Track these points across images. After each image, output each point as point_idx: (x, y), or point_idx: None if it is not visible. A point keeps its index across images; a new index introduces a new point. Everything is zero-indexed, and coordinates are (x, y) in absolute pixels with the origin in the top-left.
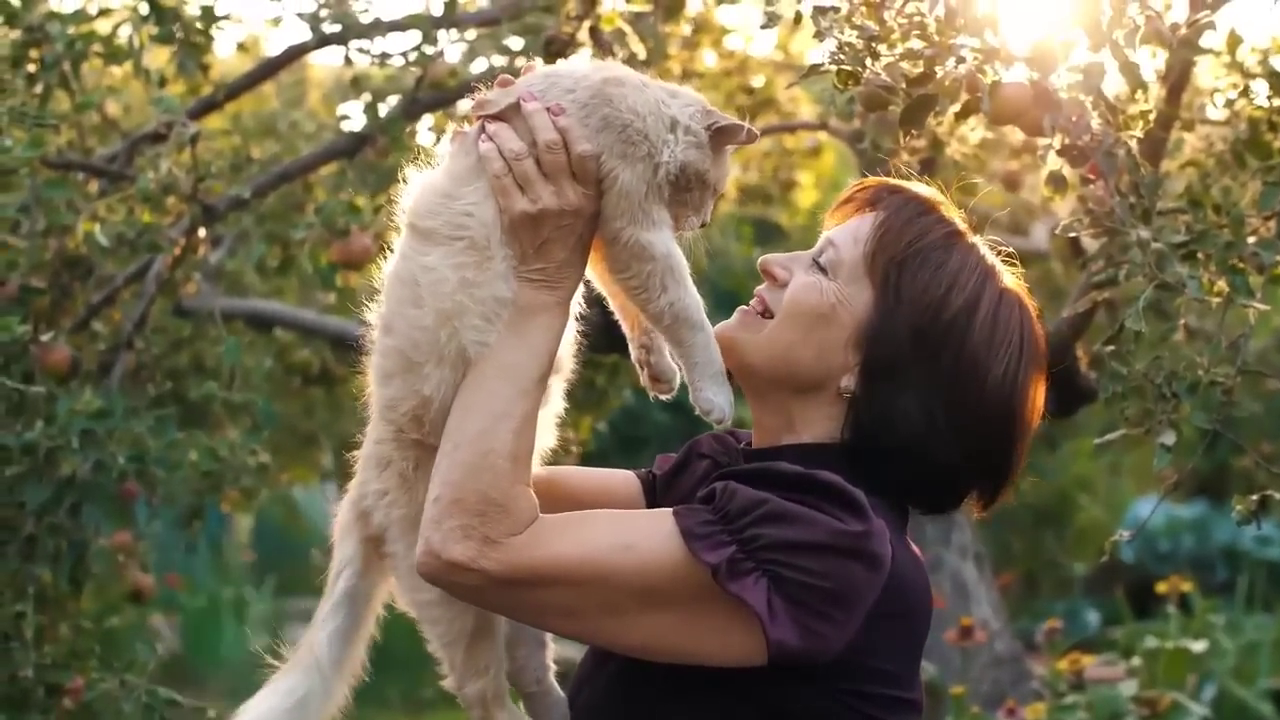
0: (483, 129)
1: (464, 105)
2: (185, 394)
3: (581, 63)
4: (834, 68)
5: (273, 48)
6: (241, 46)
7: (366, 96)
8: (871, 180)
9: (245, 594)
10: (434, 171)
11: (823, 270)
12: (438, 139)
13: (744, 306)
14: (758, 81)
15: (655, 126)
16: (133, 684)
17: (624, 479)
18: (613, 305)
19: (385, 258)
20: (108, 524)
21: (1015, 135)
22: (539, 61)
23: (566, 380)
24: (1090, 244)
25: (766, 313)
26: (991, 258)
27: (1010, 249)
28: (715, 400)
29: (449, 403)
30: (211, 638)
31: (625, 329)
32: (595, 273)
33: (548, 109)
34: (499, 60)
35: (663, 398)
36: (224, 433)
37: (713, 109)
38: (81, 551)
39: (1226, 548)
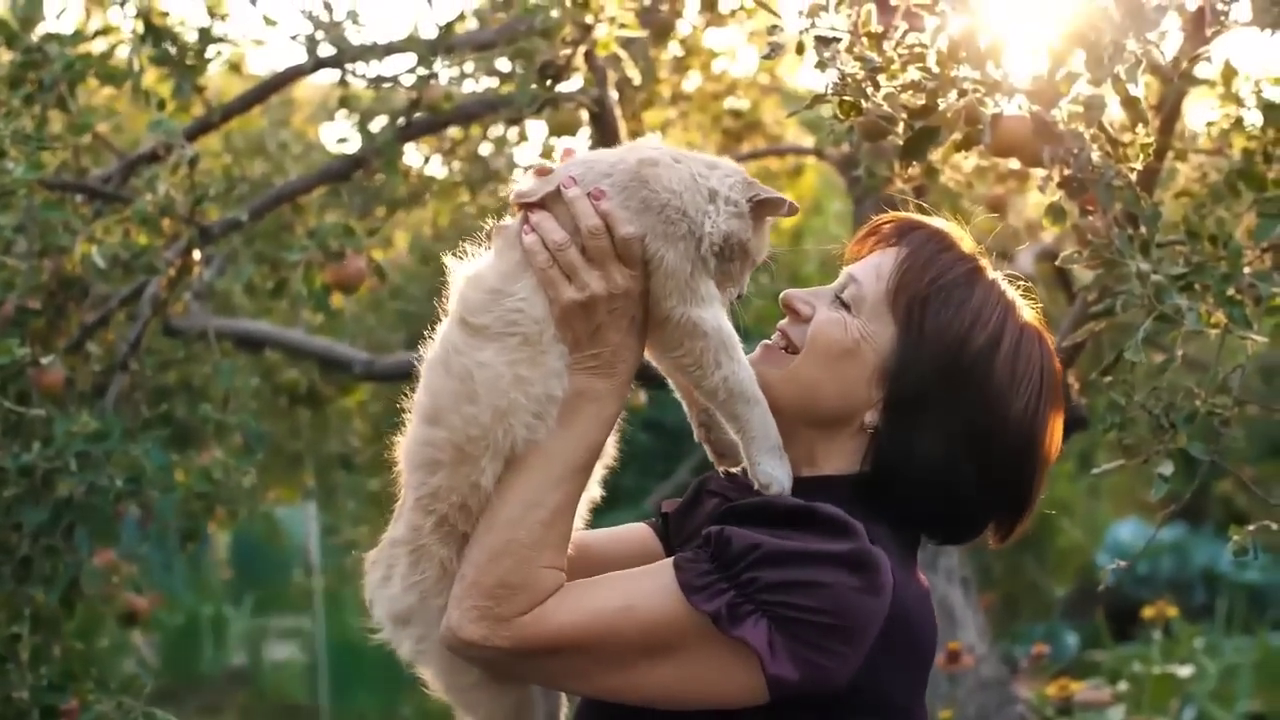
0: (525, 220)
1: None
2: (172, 414)
3: (616, 148)
4: (835, 98)
5: (257, 67)
6: (234, 67)
7: (355, 118)
8: (892, 215)
9: (224, 612)
10: (479, 263)
11: (845, 306)
12: (425, 161)
13: (766, 341)
14: (742, 104)
15: (693, 200)
16: (129, 706)
17: (637, 533)
18: (672, 384)
19: (426, 344)
20: (99, 544)
21: (1004, 161)
22: (578, 148)
23: (607, 467)
24: (1084, 273)
25: (790, 348)
26: (1011, 293)
27: (1029, 283)
28: (774, 474)
29: None
30: (190, 655)
31: (685, 406)
32: (650, 352)
33: (588, 194)
34: (490, 83)
35: (733, 471)
36: (209, 453)
37: (753, 181)
38: (75, 573)
39: (1205, 570)
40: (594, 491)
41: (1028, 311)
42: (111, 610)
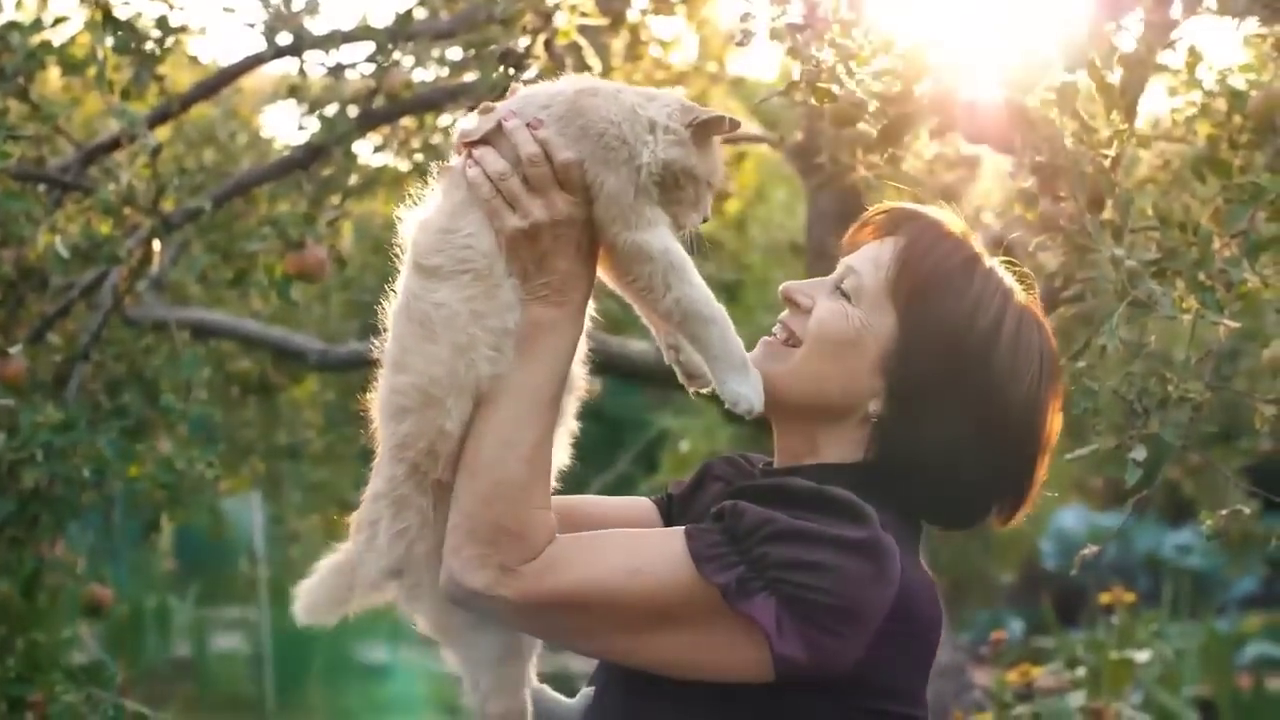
0: (469, 157)
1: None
2: (125, 404)
3: (558, 81)
4: (808, 85)
5: (205, 55)
6: (193, 58)
7: (305, 107)
8: (887, 205)
9: (168, 602)
10: (427, 208)
11: (845, 296)
12: (376, 150)
13: (767, 337)
14: (689, 92)
15: (632, 130)
16: (98, 697)
17: (641, 506)
18: (639, 311)
19: (390, 297)
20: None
21: (954, 148)
22: (521, 86)
23: (579, 398)
24: (1048, 260)
25: (791, 340)
26: (1009, 279)
27: (1025, 268)
28: (740, 390)
29: (465, 435)
30: (134, 646)
31: (653, 332)
32: (609, 281)
33: (527, 124)
34: (441, 72)
35: (702, 392)
36: (160, 443)
37: (691, 105)
38: (37, 564)
39: (1148, 556)
40: (571, 424)
41: (1025, 297)
42: (65, 601)
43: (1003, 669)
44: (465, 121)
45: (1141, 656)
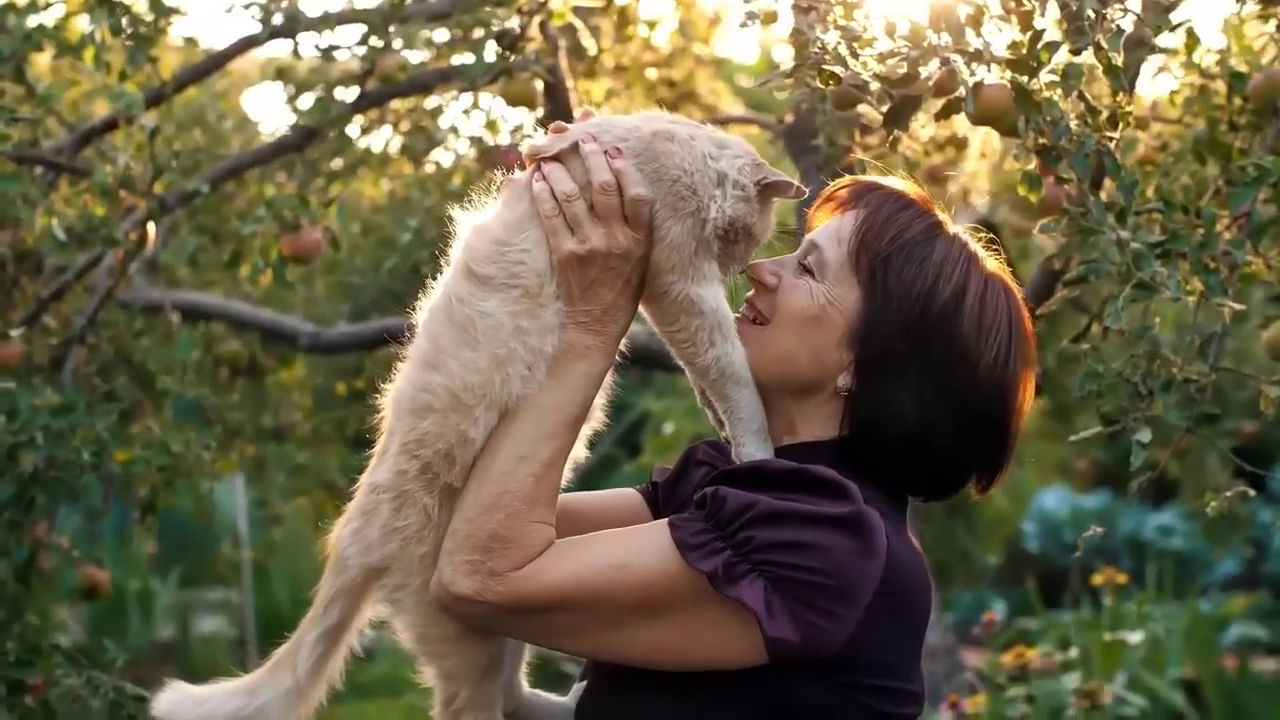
0: (537, 169)
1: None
2: (115, 387)
3: (633, 117)
4: (813, 68)
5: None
6: (189, 39)
7: (292, 89)
8: (849, 179)
9: (150, 585)
10: (485, 215)
11: (809, 272)
12: (363, 132)
13: (735, 314)
14: (676, 74)
15: (703, 182)
16: (99, 680)
17: (628, 498)
18: (674, 354)
19: (427, 293)
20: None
21: (941, 130)
22: (595, 110)
23: (594, 430)
24: (1045, 242)
25: (759, 319)
26: (974, 245)
27: (991, 234)
28: (758, 456)
29: (485, 446)
30: (118, 629)
31: (689, 374)
32: (650, 322)
33: (605, 152)
34: (425, 55)
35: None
36: (141, 424)
37: (762, 162)
38: (35, 547)
39: (1130, 538)
40: (579, 452)
41: (991, 263)
42: (54, 584)
43: (993, 651)
44: (535, 136)
45: (1134, 638)
